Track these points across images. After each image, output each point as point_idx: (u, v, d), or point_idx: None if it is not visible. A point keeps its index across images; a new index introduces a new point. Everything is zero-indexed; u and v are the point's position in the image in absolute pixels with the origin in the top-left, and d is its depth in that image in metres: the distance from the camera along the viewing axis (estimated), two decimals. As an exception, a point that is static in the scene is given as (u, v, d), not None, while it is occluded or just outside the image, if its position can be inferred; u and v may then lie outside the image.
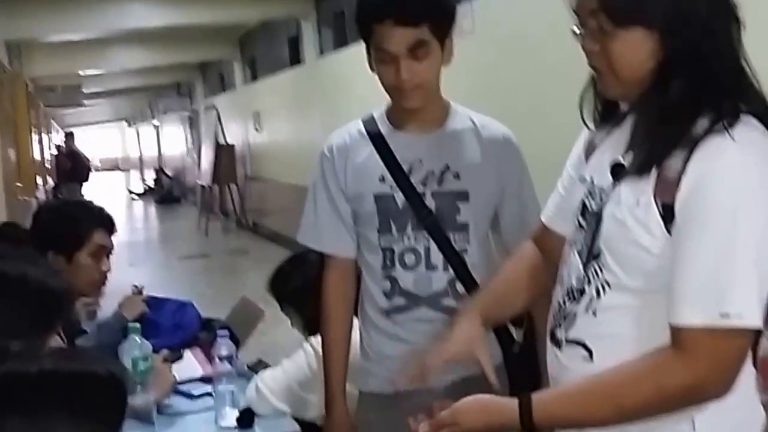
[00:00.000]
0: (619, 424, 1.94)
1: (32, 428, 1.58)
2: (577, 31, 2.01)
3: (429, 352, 2.29)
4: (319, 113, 14.05)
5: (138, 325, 3.51)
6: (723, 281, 1.78)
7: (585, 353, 2.04)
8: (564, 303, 2.13)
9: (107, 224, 3.86)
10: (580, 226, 2.12)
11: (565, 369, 2.09)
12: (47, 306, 2.29)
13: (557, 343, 2.14)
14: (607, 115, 2.17)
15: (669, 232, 1.87)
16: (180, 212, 27.10)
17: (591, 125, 2.23)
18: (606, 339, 2.00)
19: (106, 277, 3.84)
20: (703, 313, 1.79)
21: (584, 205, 2.12)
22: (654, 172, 1.89)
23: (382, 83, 2.93)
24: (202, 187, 22.13)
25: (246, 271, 14.37)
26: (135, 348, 3.26)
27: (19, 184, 12.44)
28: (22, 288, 2.26)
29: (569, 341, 2.09)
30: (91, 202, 4.15)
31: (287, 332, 4.30)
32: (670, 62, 1.91)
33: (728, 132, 1.82)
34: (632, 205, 1.92)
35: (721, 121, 1.84)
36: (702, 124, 1.86)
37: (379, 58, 2.87)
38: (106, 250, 3.83)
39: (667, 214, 1.86)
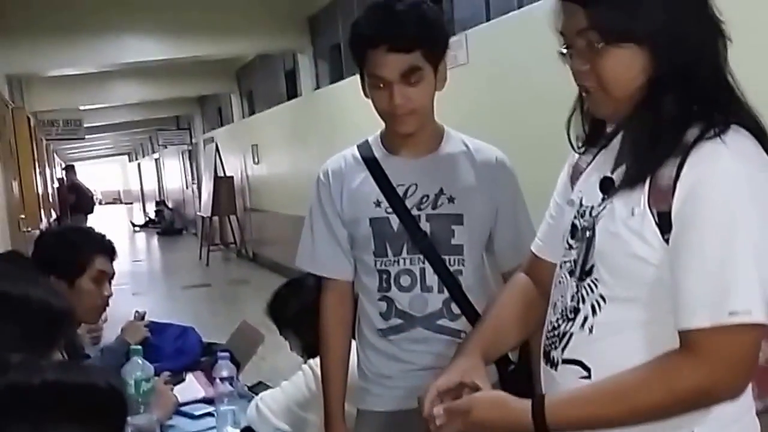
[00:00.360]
0: (632, 426, 1.92)
1: None
2: (564, 52, 2.02)
3: (432, 382, 2.22)
4: (316, 145, 14.07)
5: (140, 347, 3.53)
6: (727, 281, 1.78)
7: (583, 372, 2.02)
8: (558, 323, 2.12)
9: (108, 250, 3.88)
10: (571, 247, 2.12)
11: (562, 389, 2.06)
12: (49, 325, 2.31)
13: (552, 363, 2.12)
14: (593, 137, 2.18)
15: (666, 240, 1.87)
16: (181, 243, 27.11)
17: (578, 149, 2.24)
18: (604, 355, 1.98)
19: (107, 303, 3.86)
20: (710, 314, 1.79)
21: (573, 226, 2.12)
22: (647, 183, 1.89)
23: (376, 108, 2.94)
24: (203, 218, 22.18)
25: (246, 300, 14.38)
26: (137, 369, 3.26)
27: (22, 216, 12.43)
28: (24, 307, 2.28)
29: (565, 361, 2.07)
30: (92, 229, 4.17)
31: (287, 358, 4.32)
32: (660, 78, 1.91)
33: (720, 138, 1.83)
34: (626, 216, 1.92)
35: (712, 129, 1.85)
36: (693, 132, 1.86)
37: (373, 84, 2.89)
38: (108, 276, 3.85)
39: (663, 223, 1.86)
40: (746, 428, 2.02)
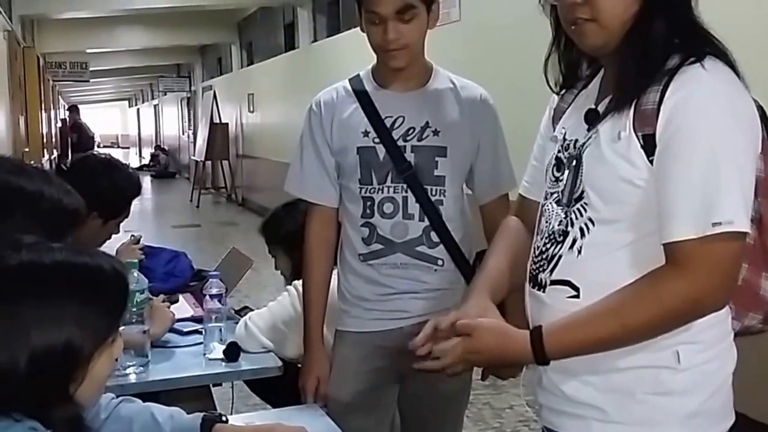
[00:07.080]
0: (626, 343, 1.94)
1: (44, 312, 1.64)
2: None
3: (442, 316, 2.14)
4: (310, 96, 13.50)
5: (135, 260, 3.56)
6: (710, 194, 1.80)
7: (571, 291, 2.03)
8: (546, 247, 2.12)
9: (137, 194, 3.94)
10: (557, 179, 2.13)
11: (550, 309, 2.06)
12: (60, 221, 2.34)
13: (540, 286, 2.12)
14: (569, 78, 2.21)
15: (651, 162, 1.89)
16: (174, 186, 27.12)
17: (556, 91, 2.26)
18: (591, 275, 2.00)
19: (110, 236, 3.91)
20: (694, 225, 1.81)
21: (558, 160, 2.14)
22: (631, 109, 1.92)
23: (370, 43, 2.99)
24: (196, 162, 22.18)
25: (234, 240, 14.34)
26: (132, 282, 3.25)
27: (26, 149, 12.43)
28: (38, 202, 2.31)
29: (554, 282, 2.07)
30: (134, 171, 4.19)
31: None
32: (650, 5, 1.94)
33: (700, 64, 1.87)
34: (613, 141, 1.94)
35: (691, 57, 1.89)
36: (673, 61, 1.90)
37: (369, 19, 2.94)
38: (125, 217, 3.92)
39: (648, 145, 1.88)
40: (725, 352, 2.05)
